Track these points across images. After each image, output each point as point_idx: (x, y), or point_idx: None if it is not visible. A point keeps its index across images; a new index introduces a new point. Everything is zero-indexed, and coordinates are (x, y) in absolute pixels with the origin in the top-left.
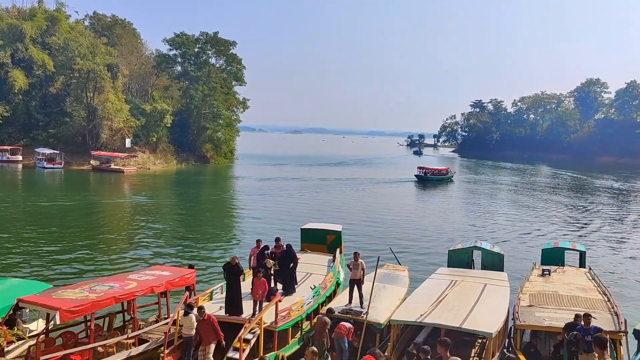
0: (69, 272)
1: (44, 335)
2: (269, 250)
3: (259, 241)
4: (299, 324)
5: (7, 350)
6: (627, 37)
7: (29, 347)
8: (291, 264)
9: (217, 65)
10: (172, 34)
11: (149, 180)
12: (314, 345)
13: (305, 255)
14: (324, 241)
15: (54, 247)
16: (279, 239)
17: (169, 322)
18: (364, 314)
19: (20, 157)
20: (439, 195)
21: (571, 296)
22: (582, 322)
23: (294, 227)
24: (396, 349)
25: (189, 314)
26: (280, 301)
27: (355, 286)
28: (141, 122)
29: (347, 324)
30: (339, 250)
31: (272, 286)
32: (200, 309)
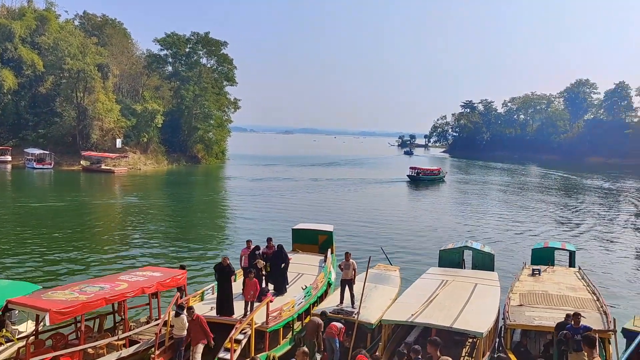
0: (58, 273)
1: (33, 336)
2: (260, 250)
3: (249, 242)
4: (290, 325)
5: None
6: (627, 37)
7: (18, 348)
8: (282, 265)
9: (208, 65)
10: (163, 34)
11: (139, 180)
12: (305, 345)
13: (296, 255)
14: (315, 241)
15: (43, 248)
16: (270, 239)
17: (160, 323)
18: (355, 314)
19: (9, 158)
20: (431, 195)
21: (561, 296)
22: (572, 322)
23: (286, 228)
24: (387, 349)
25: (180, 314)
26: (271, 301)
27: (346, 286)
28: (132, 123)
29: (338, 324)
30: (330, 250)
31: (264, 286)
32: (189, 309)
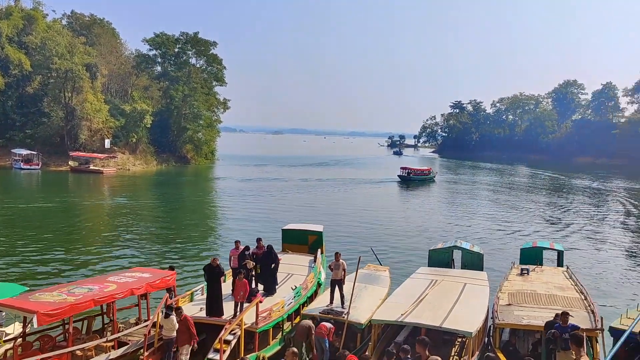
0: (46, 274)
1: (21, 338)
2: (250, 251)
3: (237, 242)
4: (280, 325)
5: None
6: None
7: (6, 350)
8: (272, 265)
9: (198, 65)
10: (152, 33)
11: (128, 181)
12: (294, 346)
13: (286, 255)
14: (305, 242)
15: (31, 249)
16: (260, 240)
17: (149, 325)
18: (344, 314)
19: None
20: (421, 195)
21: (549, 295)
22: (560, 321)
23: (275, 228)
24: (377, 349)
25: (169, 315)
26: (261, 302)
27: (336, 286)
28: (121, 123)
29: (328, 324)
30: (320, 250)
31: (253, 287)
32: (177, 310)
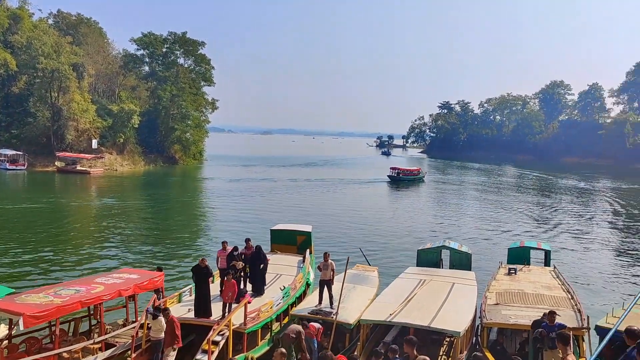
0: (33, 276)
1: (7, 341)
2: (239, 251)
3: (224, 243)
4: (269, 325)
5: None
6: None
7: None
8: (261, 265)
9: (186, 65)
10: (140, 33)
11: (116, 181)
12: (283, 346)
13: (275, 256)
14: (293, 242)
15: (17, 251)
16: (249, 240)
17: (137, 326)
18: (333, 315)
19: None
20: (410, 195)
21: (536, 294)
22: (547, 320)
23: (264, 228)
24: (365, 349)
25: (157, 316)
26: (249, 302)
27: (325, 287)
28: (108, 123)
29: (316, 324)
30: (308, 251)
31: (242, 287)
32: (164, 311)
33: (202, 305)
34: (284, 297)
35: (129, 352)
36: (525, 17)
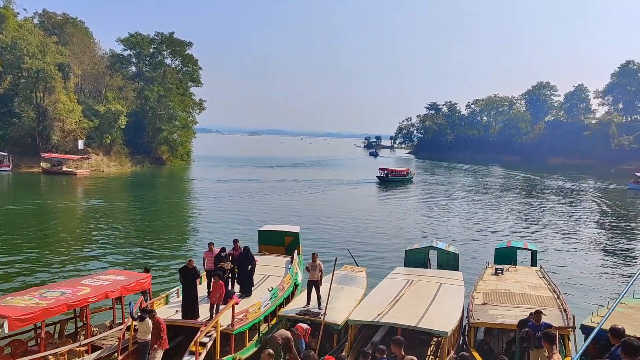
0: (18, 278)
1: None
2: (227, 252)
3: (210, 244)
4: (257, 326)
5: None
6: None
7: None
8: (249, 266)
9: (173, 65)
10: (127, 33)
11: (103, 182)
12: (271, 347)
13: (263, 257)
14: (281, 243)
15: (2, 253)
16: (237, 241)
17: (123, 328)
18: (321, 315)
19: None
20: (399, 196)
21: (523, 294)
22: (533, 319)
23: (252, 229)
24: (353, 349)
25: (144, 318)
26: (237, 303)
27: (313, 287)
28: (94, 124)
29: (304, 325)
30: (297, 251)
31: (230, 289)
32: (150, 313)
33: (190, 306)
34: (271, 298)
35: (116, 355)
36: (524, 17)
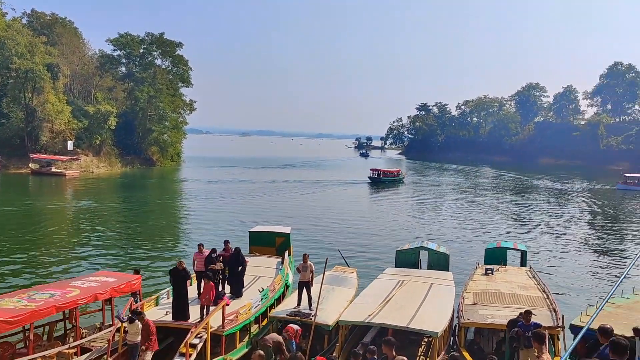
0: (6, 279)
1: None
2: (217, 253)
3: (200, 245)
4: (247, 328)
5: None
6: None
7: None
8: (240, 267)
9: (163, 66)
10: (116, 34)
11: (92, 184)
12: (260, 348)
13: (253, 258)
14: (272, 244)
15: None
16: (227, 242)
17: (113, 330)
18: (312, 316)
19: None
20: (391, 196)
21: (513, 294)
22: (523, 319)
23: (243, 230)
24: (344, 350)
25: (134, 320)
26: (227, 305)
27: (304, 288)
28: (84, 124)
29: (295, 326)
30: (287, 252)
31: (220, 290)
32: (139, 314)
33: (180, 308)
34: (262, 299)
35: (105, 357)
36: (525, 17)
